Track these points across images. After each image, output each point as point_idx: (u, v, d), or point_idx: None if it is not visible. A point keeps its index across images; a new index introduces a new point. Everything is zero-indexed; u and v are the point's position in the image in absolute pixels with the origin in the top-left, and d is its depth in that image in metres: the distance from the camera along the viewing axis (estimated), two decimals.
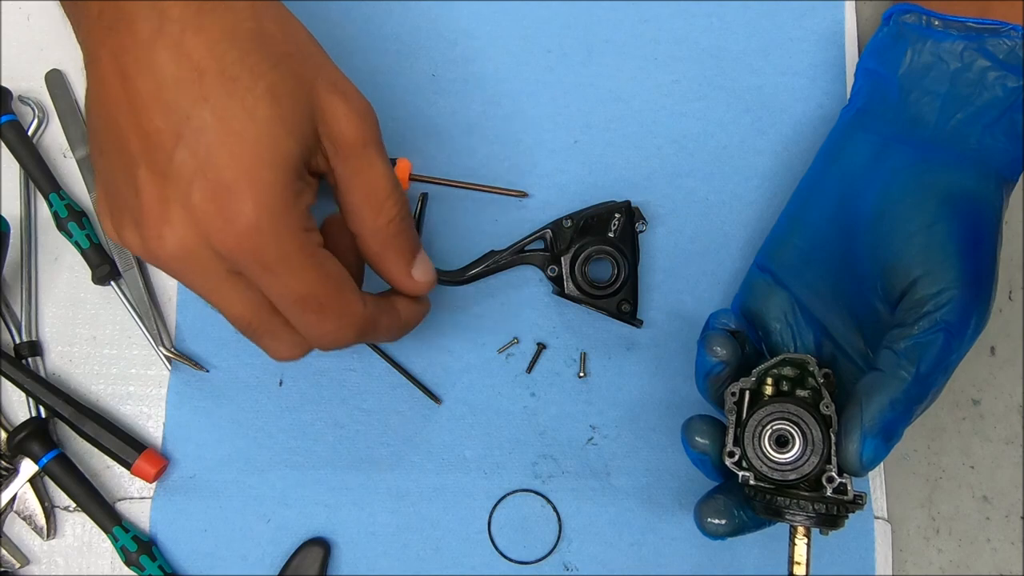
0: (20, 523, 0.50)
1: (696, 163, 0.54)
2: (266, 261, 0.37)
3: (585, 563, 0.50)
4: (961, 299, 0.41)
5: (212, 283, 0.38)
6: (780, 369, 0.44)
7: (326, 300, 0.39)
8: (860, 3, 0.56)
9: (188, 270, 0.38)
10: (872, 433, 0.40)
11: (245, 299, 0.39)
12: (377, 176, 0.40)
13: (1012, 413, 0.53)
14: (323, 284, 0.38)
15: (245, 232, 0.36)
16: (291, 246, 0.37)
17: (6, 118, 0.53)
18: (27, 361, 0.52)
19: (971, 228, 0.43)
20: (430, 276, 0.44)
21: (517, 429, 0.52)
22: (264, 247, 0.36)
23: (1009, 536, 0.51)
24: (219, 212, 0.35)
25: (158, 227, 0.36)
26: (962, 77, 0.45)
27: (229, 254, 0.36)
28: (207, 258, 0.37)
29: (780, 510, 0.41)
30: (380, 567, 0.50)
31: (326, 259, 0.39)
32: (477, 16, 0.55)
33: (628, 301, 0.50)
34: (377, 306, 0.42)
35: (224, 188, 0.35)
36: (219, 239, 0.36)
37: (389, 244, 0.41)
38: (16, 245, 0.53)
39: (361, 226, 0.41)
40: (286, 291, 0.38)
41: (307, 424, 0.51)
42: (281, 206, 0.36)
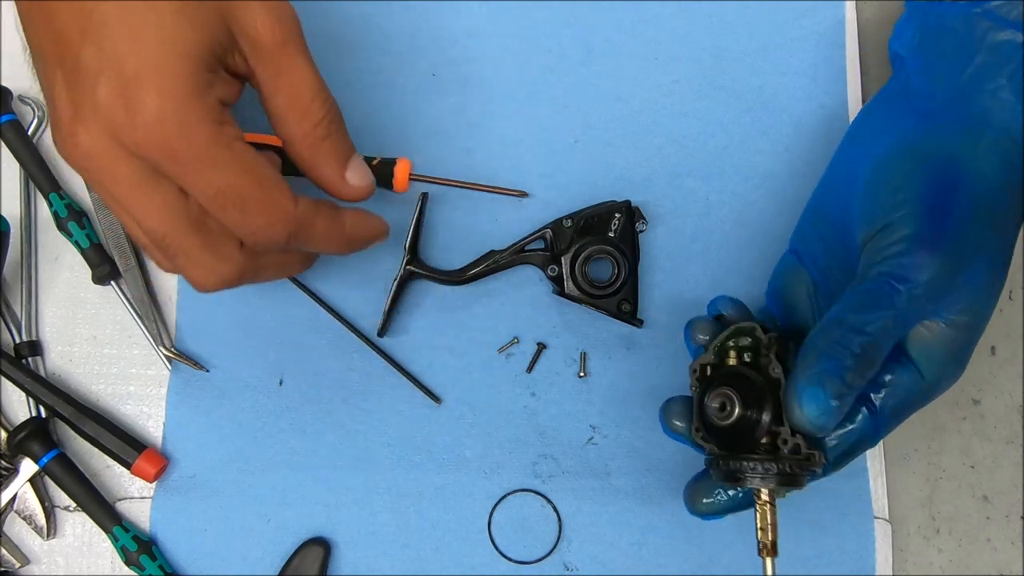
0: (20, 523, 0.50)
1: (696, 163, 0.54)
2: (177, 153, 0.36)
3: (585, 563, 0.50)
4: (913, 255, 0.39)
5: (127, 187, 0.38)
6: (737, 340, 0.43)
7: (247, 193, 0.38)
8: (860, 3, 0.56)
9: (103, 172, 0.37)
10: (809, 381, 0.39)
11: (160, 208, 0.38)
12: (300, 78, 0.40)
13: (1012, 413, 0.53)
14: (242, 176, 0.38)
15: (151, 123, 0.36)
16: (201, 136, 0.36)
17: (6, 118, 0.53)
18: (27, 361, 0.52)
19: (943, 189, 0.41)
20: (366, 180, 0.43)
21: (517, 429, 0.52)
22: (172, 138, 0.36)
23: (1009, 536, 0.51)
24: (125, 106, 0.35)
25: (72, 128, 0.36)
26: (968, 42, 0.44)
27: (138, 148, 0.36)
28: (120, 158, 0.37)
29: (737, 474, 0.40)
30: (380, 567, 0.50)
31: (245, 152, 0.38)
32: (477, 16, 0.55)
33: (628, 301, 0.50)
34: (312, 207, 0.41)
35: (128, 81, 0.35)
36: (127, 133, 0.36)
37: (318, 148, 0.41)
38: (16, 245, 0.53)
39: (287, 131, 0.40)
40: (204, 185, 0.37)
41: (307, 424, 0.51)
42: (186, 96, 0.36)
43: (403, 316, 0.52)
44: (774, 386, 0.41)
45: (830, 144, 0.54)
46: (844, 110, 0.54)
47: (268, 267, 0.43)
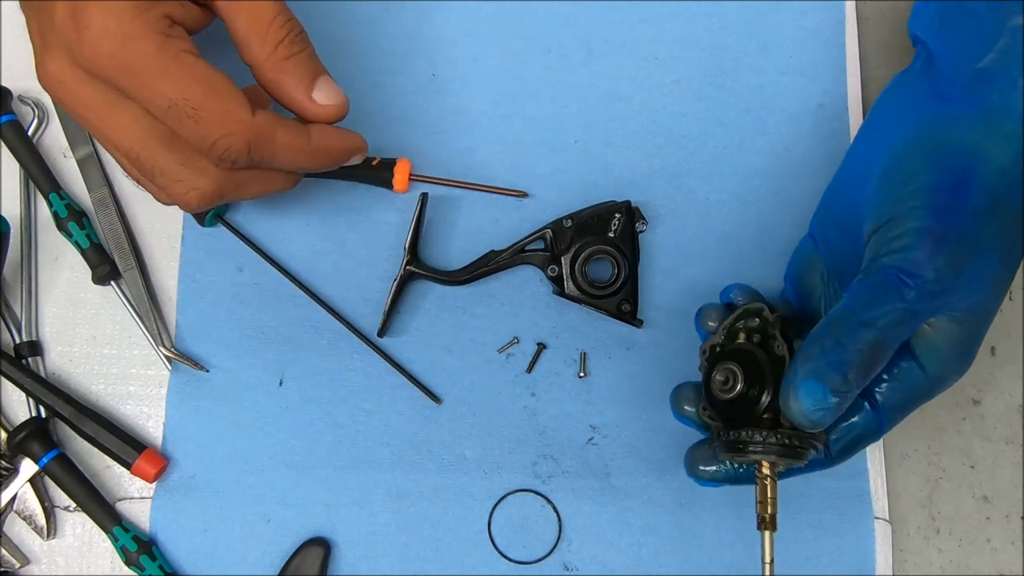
0: (20, 523, 0.50)
1: (696, 163, 0.54)
2: (126, 66, 0.38)
3: (585, 563, 0.50)
4: (922, 249, 0.39)
5: (95, 109, 0.40)
6: (746, 321, 0.44)
7: (201, 104, 0.39)
8: (860, 3, 0.56)
9: (71, 97, 0.40)
10: (808, 375, 0.38)
11: (130, 127, 0.40)
12: (259, 4, 0.41)
13: (1012, 413, 0.53)
14: (194, 86, 0.39)
15: (97, 39, 0.38)
16: (147, 48, 0.38)
17: (6, 118, 0.53)
18: (27, 361, 0.52)
19: (956, 181, 0.40)
20: (336, 99, 0.43)
21: (517, 429, 0.52)
22: (118, 51, 0.38)
23: (1009, 536, 0.51)
24: (74, 26, 0.38)
25: (41, 58, 0.39)
26: (990, 26, 0.42)
27: (91, 65, 0.38)
28: (82, 80, 0.39)
29: (738, 444, 0.41)
30: (380, 567, 0.50)
31: (196, 63, 0.39)
32: (477, 16, 0.55)
33: (628, 301, 0.50)
34: (271, 118, 0.41)
35: (76, 3, 0.38)
36: (80, 53, 0.38)
37: (282, 70, 0.41)
38: (16, 245, 0.53)
39: (250, 55, 0.41)
40: (156, 97, 0.39)
41: (307, 424, 0.51)
42: (128, 11, 0.38)
43: (403, 316, 0.52)
44: (779, 364, 0.41)
45: (830, 144, 0.54)
46: (844, 110, 0.54)
47: (249, 183, 0.44)
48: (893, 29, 0.56)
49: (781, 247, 0.53)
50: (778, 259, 0.53)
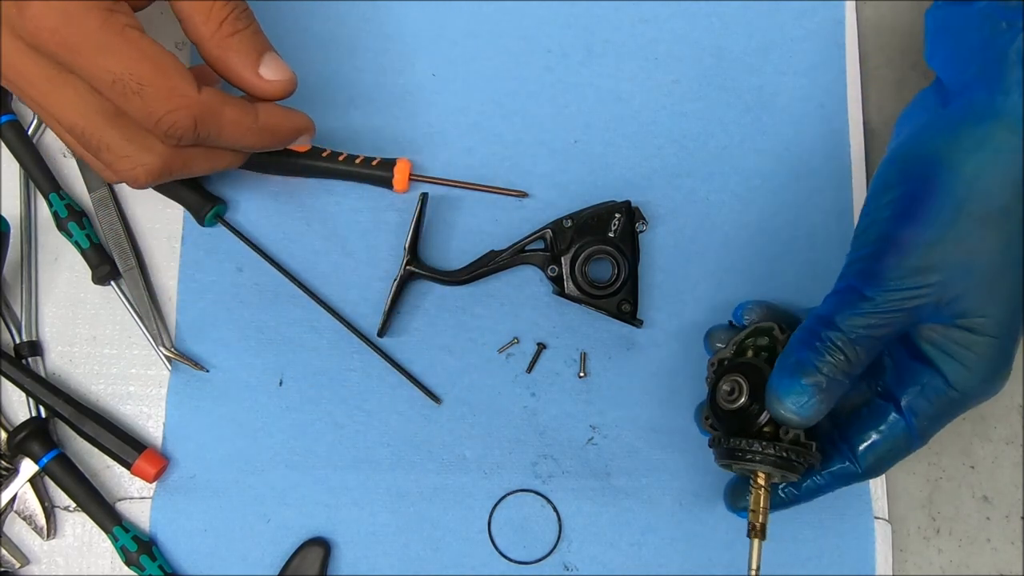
0: (20, 523, 0.50)
1: (696, 163, 0.54)
2: (68, 41, 0.38)
3: (585, 563, 0.50)
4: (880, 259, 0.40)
5: (38, 85, 0.40)
6: (755, 339, 0.45)
7: (145, 79, 0.39)
8: (860, 3, 0.56)
9: (15, 73, 0.39)
10: (785, 372, 0.41)
11: (74, 103, 0.40)
12: None
13: (1012, 413, 0.53)
14: (138, 62, 0.38)
15: (39, 13, 0.37)
16: (89, 22, 0.38)
17: (6, 118, 0.53)
18: (27, 361, 0.52)
19: (919, 190, 0.41)
20: (283, 75, 0.43)
21: (517, 429, 0.52)
22: (60, 26, 0.37)
23: (1009, 536, 0.51)
24: (18, 9, 0.37)
25: None
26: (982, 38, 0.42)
27: (34, 41, 0.38)
28: (25, 55, 0.39)
29: (736, 452, 0.42)
30: (380, 567, 0.50)
31: (141, 39, 0.39)
32: (477, 16, 0.55)
33: (628, 301, 0.50)
34: (218, 95, 0.41)
35: None
36: (22, 28, 0.38)
37: (228, 46, 0.41)
38: (16, 245, 0.53)
39: (196, 33, 0.41)
40: (100, 72, 0.38)
41: (307, 424, 0.51)
42: None
43: (403, 316, 0.52)
44: None
45: (830, 144, 0.54)
46: (844, 110, 0.54)
47: (196, 159, 0.44)
48: (893, 29, 0.56)
49: (781, 247, 0.53)
50: (778, 259, 0.53)
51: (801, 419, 0.40)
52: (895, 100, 0.56)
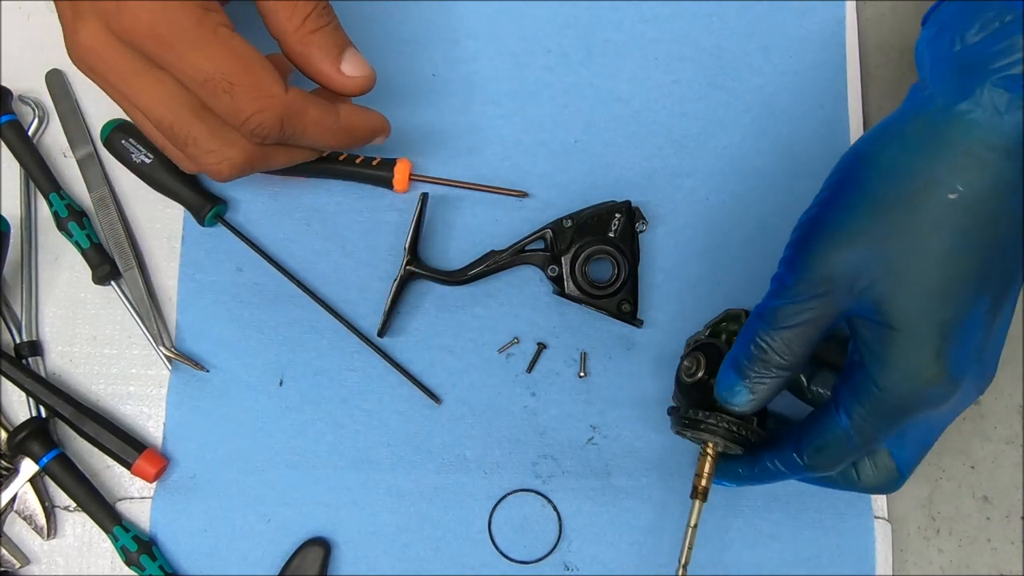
0: (20, 523, 0.50)
1: (696, 163, 0.54)
2: (164, 37, 0.38)
3: (585, 563, 0.50)
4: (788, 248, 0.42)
5: (128, 79, 0.40)
6: (728, 324, 0.47)
7: (236, 78, 0.39)
8: (860, 3, 0.56)
9: (104, 66, 0.39)
10: (724, 363, 0.43)
11: (163, 97, 0.40)
12: None
13: (1012, 413, 0.53)
14: (230, 61, 0.39)
15: (136, 8, 0.37)
16: (185, 20, 0.38)
17: (6, 118, 0.53)
18: (27, 361, 0.52)
19: (836, 183, 0.42)
20: (364, 71, 0.44)
21: (517, 429, 0.52)
22: (157, 22, 0.37)
23: (1009, 536, 0.51)
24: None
25: (73, 27, 0.39)
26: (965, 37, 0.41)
27: (128, 35, 0.38)
28: (116, 49, 0.39)
29: (695, 422, 0.45)
30: (380, 567, 0.50)
31: (232, 38, 0.39)
32: (477, 16, 0.55)
33: (628, 301, 0.50)
34: (303, 95, 0.42)
35: None
36: (117, 22, 0.38)
37: (310, 42, 0.42)
38: (16, 245, 0.53)
39: (277, 27, 0.41)
40: (192, 70, 0.39)
41: (307, 424, 0.51)
42: None
43: (403, 316, 0.52)
44: None
45: (830, 144, 0.54)
46: (844, 110, 0.54)
47: (277, 154, 0.45)
48: (893, 29, 0.56)
49: (781, 247, 0.53)
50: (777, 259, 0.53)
51: (740, 410, 0.43)
52: (895, 100, 0.55)
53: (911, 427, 0.42)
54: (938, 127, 0.40)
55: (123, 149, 0.52)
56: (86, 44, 0.39)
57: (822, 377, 0.48)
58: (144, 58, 0.39)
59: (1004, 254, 0.40)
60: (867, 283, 0.40)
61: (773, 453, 0.45)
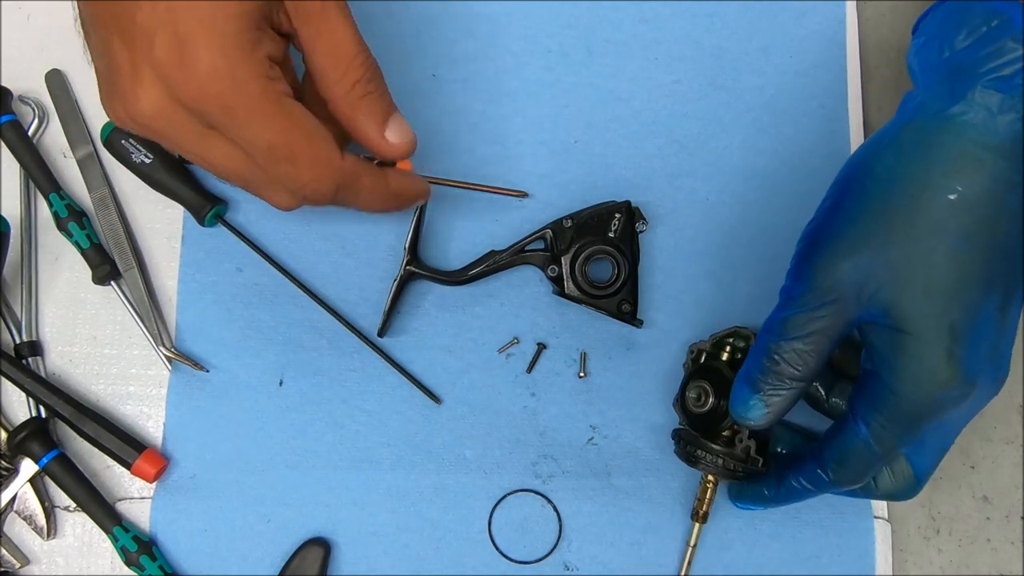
0: (20, 523, 0.50)
1: (696, 163, 0.54)
2: (230, 107, 0.38)
3: (585, 563, 0.50)
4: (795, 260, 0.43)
5: (195, 140, 0.39)
6: (734, 340, 0.49)
7: (297, 148, 0.39)
8: (861, 3, 0.56)
9: (168, 129, 0.39)
10: (737, 380, 0.43)
11: (232, 153, 0.40)
12: (339, 38, 0.41)
13: (1012, 413, 0.53)
14: (291, 131, 0.39)
15: (205, 78, 0.37)
16: (252, 91, 0.38)
17: (6, 118, 0.53)
18: (27, 361, 0.52)
19: (834, 191, 0.43)
20: (406, 137, 0.44)
21: (517, 429, 0.52)
22: (225, 93, 0.37)
23: (1009, 536, 0.51)
24: (180, 63, 0.37)
25: (133, 90, 0.38)
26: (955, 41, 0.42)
27: (194, 104, 0.37)
28: (181, 114, 0.38)
29: (692, 457, 0.47)
30: (380, 567, 0.50)
31: (294, 107, 0.39)
32: (477, 16, 0.55)
33: (628, 301, 0.50)
34: (358, 163, 0.42)
35: (183, 39, 0.36)
36: (184, 90, 0.37)
37: (358, 106, 0.42)
38: (16, 245, 0.53)
39: (328, 90, 0.41)
40: (256, 139, 0.39)
41: (307, 424, 0.51)
42: (238, 51, 0.37)
43: (403, 316, 0.52)
44: None
45: (830, 144, 0.54)
46: (844, 110, 0.54)
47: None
48: (893, 29, 0.56)
49: (781, 247, 0.53)
50: (778, 259, 0.53)
51: (756, 425, 0.43)
52: (895, 100, 0.55)
53: (928, 432, 0.42)
54: (931, 132, 0.40)
55: (123, 149, 0.52)
56: (148, 111, 0.38)
57: (841, 388, 0.48)
58: (207, 122, 0.39)
59: (1007, 252, 0.40)
60: (874, 289, 0.40)
61: (797, 472, 0.45)
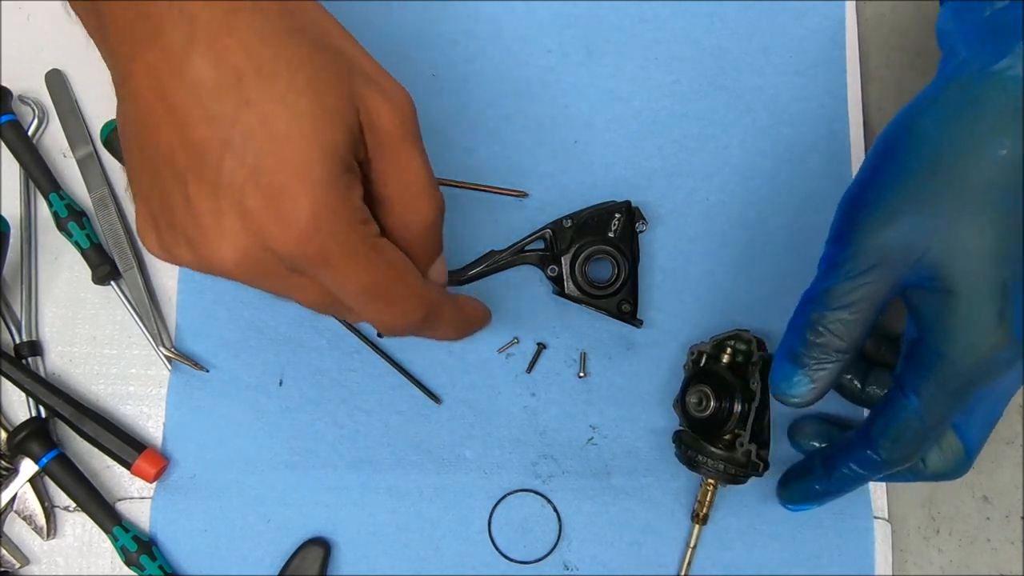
0: (20, 523, 0.50)
1: (696, 163, 0.54)
2: (328, 258, 0.36)
3: (585, 563, 0.50)
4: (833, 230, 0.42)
5: (279, 283, 0.38)
6: (735, 343, 0.49)
7: (390, 287, 0.38)
8: (860, 3, 0.56)
9: (251, 276, 0.37)
10: (778, 357, 0.43)
11: (320, 293, 0.39)
12: (413, 172, 0.39)
13: (1012, 413, 0.53)
14: (386, 273, 0.38)
15: (304, 233, 0.35)
16: (351, 240, 0.36)
17: (6, 118, 0.53)
18: (27, 361, 0.52)
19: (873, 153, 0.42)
20: (443, 278, 0.44)
21: (517, 429, 0.52)
22: (325, 245, 0.35)
23: (1009, 536, 0.51)
24: (276, 216, 0.34)
25: (215, 239, 0.35)
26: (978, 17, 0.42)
27: (290, 256, 0.35)
28: (270, 262, 0.36)
29: (693, 462, 0.48)
30: (380, 567, 0.50)
31: (386, 248, 0.38)
32: (477, 16, 0.55)
33: (628, 301, 0.50)
34: (441, 294, 0.42)
35: (277, 191, 0.34)
36: (279, 243, 0.35)
37: (416, 242, 0.41)
38: (16, 245, 0.53)
39: (392, 220, 0.40)
40: (351, 284, 0.37)
41: (307, 424, 0.51)
42: (336, 201, 0.35)
43: None
44: (748, 395, 0.47)
45: (830, 144, 0.54)
46: (844, 110, 0.54)
47: None
48: (893, 29, 0.56)
49: (781, 247, 0.53)
50: (778, 259, 0.53)
51: (801, 402, 0.42)
52: (895, 100, 0.56)
53: (977, 401, 0.41)
54: (977, 88, 0.40)
55: None
56: (232, 260, 0.36)
57: (876, 376, 0.48)
58: (295, 267, 0.37)
59: None
60: (921, 250, 0.39)
61: (846, 458, 0.44)
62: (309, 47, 0.36)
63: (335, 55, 0.37)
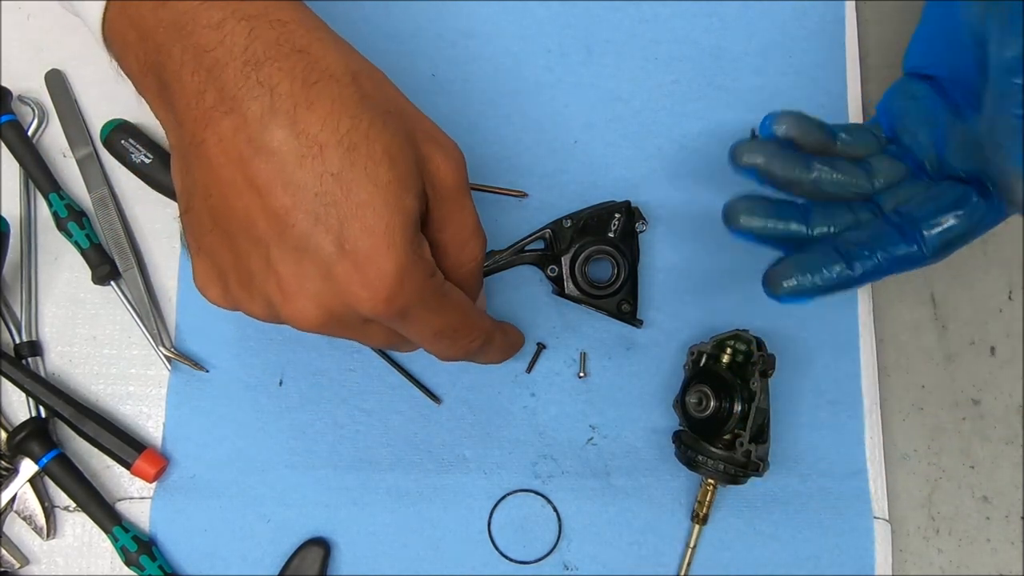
0: (20, 523, 0.50)
1: (697, 163, 0.54)
2: (406, 312, 0.38)
3: (585, 563, 0.50)
4: None
5: (354, 332, 0.40)
6: (735, 343, 0.49)
7: (457, 327, 0.41)
8: (860, 3, 0.56)
9: (329, 330, 0.39)
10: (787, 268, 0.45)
11: (392, 337, 0.41)
12: (465, 219, 0.41)
13: (1012, 413, 0.53)
14: (452, 315, 0.41)
15: (389, 296, 0.37)
16: (425, 294, 0.38)
17: (6, 118, 0.53)
18: (27, 361, 0.52)
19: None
20: (485, 305, 0.47)
21: (517, 429, 0.52)
22: (406, 303, 0.37)
23: (1009, 536, 0.51)
24: (362, 281, 0.36)
25: (298, 300, 0.37)
26: None
27: (373, 315, 0.37)
28: (350, 318, 0.38)
29: (693, 462, 0.48)
30: (380, 567, 0.50)
31: (451, 292, 0.40)
32: (477, 16, 0.55)
33: (628, 301, 0.50)
34: (493, 323, 0.45)
35: (363, 258, 0.36)
36: (366, 306, 0.37)
37: (468, 279, 0.43)
38: (16, 245, 0.53)
39: (448, 262, 0.42)
40: (425, 331, 0.40)
41: (307, 424, 0.51)
42: (413, 262, 0.37)
43: None
44: (748, 395, 0.47)
45: None
46: (844, 110, 0.54)
47: None
48: (893, 29, 0.56)
49: None
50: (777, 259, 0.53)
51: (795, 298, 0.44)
52: None
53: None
54: None
55: (123, 149, 0.52)
56: (315, 320, 0.38)
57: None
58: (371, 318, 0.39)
59: None
60: None
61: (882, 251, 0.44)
62: (381, 115, 0.37)
63: (400, 119, 0.38)
